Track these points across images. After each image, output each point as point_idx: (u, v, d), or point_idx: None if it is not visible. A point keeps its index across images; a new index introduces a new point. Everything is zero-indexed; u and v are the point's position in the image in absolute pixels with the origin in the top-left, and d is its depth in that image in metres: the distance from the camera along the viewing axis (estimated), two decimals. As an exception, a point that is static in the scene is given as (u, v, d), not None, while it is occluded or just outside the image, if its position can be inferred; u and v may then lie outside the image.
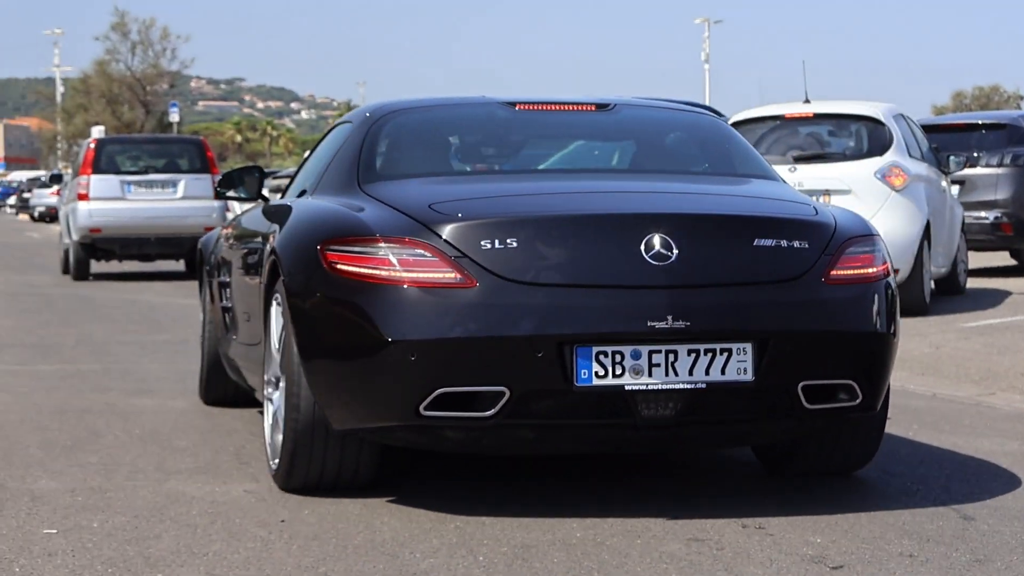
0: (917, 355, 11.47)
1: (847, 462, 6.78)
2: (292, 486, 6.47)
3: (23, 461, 7.36)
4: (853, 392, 6.10)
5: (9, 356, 12.11)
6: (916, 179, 14.30)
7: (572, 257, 5.89)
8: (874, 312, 6.21)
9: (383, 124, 7.20)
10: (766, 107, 15.30)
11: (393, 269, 5.87)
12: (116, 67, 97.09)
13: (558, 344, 5.73)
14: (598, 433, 6.01)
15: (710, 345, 5.83)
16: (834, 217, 6.42)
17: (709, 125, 7.75)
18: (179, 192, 23.27)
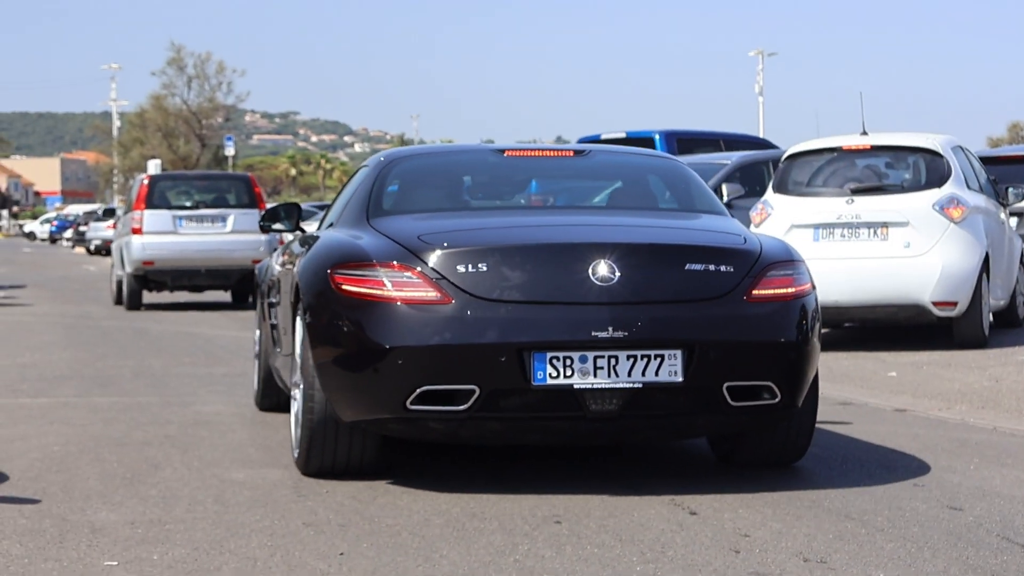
0: (977, 388, 11.38)
1: (784, 454, 7.97)
2: (311, 471, 7.75)
3: (83, 493, 7.38)
4: (773, 392, 7.34)
5: (67, 388, 12.17)
6: (975, 211, 14.22)
7: (531, 279, 7.26)
8: (791, 325, 7.43)
9: (391, 168, 8.68)
10: (823, 139, 15.24)
11: (386, 289, 7.27)
12: (172, 101, 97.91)
13: (518, 350, 7.07)
14: (554, 425, 7.29)
15: (645, 351, 7.12)
16: (760, 245, 7.68)
17: (671, 168, 9.09)
18: (228, 226, 24.23)
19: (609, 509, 6.90)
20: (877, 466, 8.08)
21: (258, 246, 23.88)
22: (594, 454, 8.50)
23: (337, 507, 7.00)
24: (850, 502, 7.06)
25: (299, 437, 7.82)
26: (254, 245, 23.94)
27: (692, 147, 23.77)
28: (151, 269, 23.76)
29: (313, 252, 7.99)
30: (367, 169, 8.89)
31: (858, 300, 14.06)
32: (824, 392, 11.39)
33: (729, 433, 7.93)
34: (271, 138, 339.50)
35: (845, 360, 13.58)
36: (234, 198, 24.83)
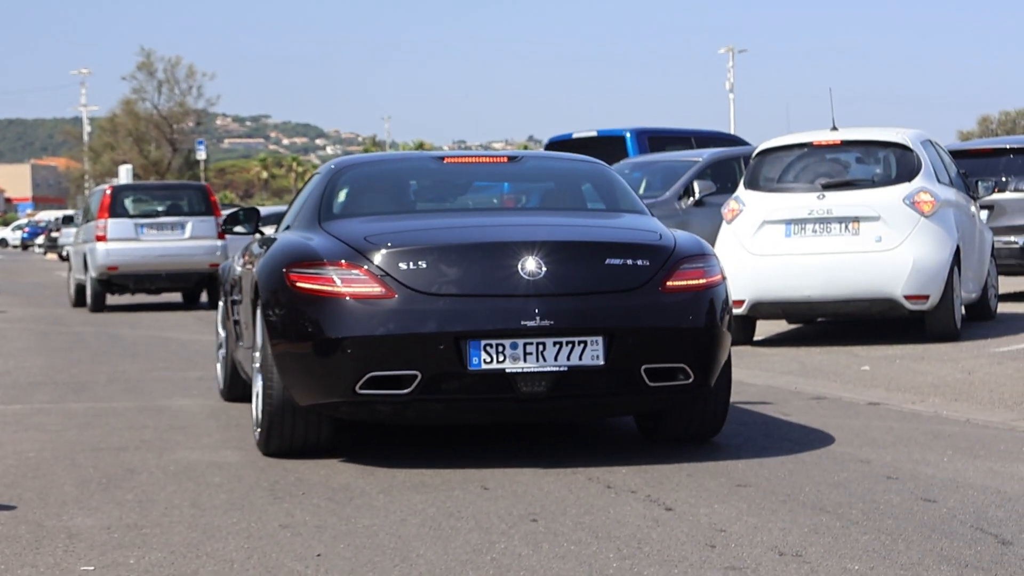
0: (950, 381, 11.43)
1: (702, 430, 8.78)
2: (271, 451, 8.55)
3: (59, 499, 7.38)
4: (687, 373, 8.12)
5: (42, 395, 12.15)
6: (945, 204, 14.27)
7: (466, 274, 8.01)
8: (703, 312, 8.22)
9: (340, 175, 9.54)
10: (794, 135, 15.28)
11: (335, 285, 8.03)
12: (143, 106, 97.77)
13: (455, 339, 7.82)
14: (489, 406, 8.04)
15: (570, 338, 7.88)
16: (675, 241, 8.48)
17: (596, 172, 9.90)
18: (187, 233, 25.80)
19: (585, 507, 6.92)
20: (851, 459, 8.11)
21: (215, 251, 25.59)
22: (570, 454, 8.52)
23: (313, 509, 7.01)
24: (825, 495, 7.09)
25: (260, 421, 8.62)
26: (211, 250, 25.62)
27: (663, 145, 23.82)
28: (115, 274, 25.21)
29: (270, 253, 8.80)
30: (319, 176, 9.75)
31: (830, 295, 14.10)
32: (798, 387, 11.45)
33: (649, 411, 8.73)
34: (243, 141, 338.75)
35: (818, 355, 13.63)
36: (191, 206, 26.28)
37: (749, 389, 11.44)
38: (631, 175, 20.66)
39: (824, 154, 14.80)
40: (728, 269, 14.45)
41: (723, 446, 8.67)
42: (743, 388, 11.50)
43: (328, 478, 7.82)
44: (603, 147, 24.00)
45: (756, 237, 14.38)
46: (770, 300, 14.34)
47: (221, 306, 11.47)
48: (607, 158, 22.45)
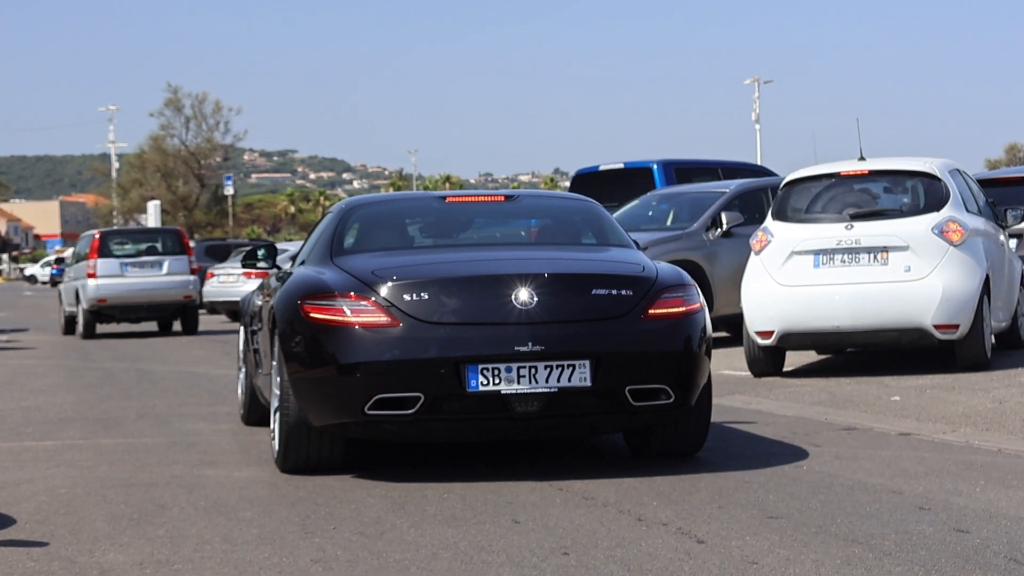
0: (981, 411, 11.38)
1: (685, 446, 9.47)
2: (288, 468, 9.25)
3: (90, 535, 7.39)
4: (668, 393, 8.82)
5: (72, 431, 12.18)
6: (974, 234, 14.24)
7: (465, 304, 8.74)
8: (682, 337, 8.96)
9: (351, 214, 10.34)
10: (821, 165, 15.26)
11: (345, 315, 8.76)
12: (170, 142, 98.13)
13: (455, 363, 8.55)
14: (486, 424, 8.76)
15: (559, 362, 8.60)
16: (656, 272, 9.22)
17: (586, 208, 10.64)
18: (164, 270, 29.68)
19: (616, 539, 6.91)
20: (883, 490, 8.09)
21: (188, 284, 29.63)
22: (600, 488, 8.50)
23: (345, 543, 7.01)
24: (857, 527, 7.07)
25: (277, 440, 9.35)
26: (185, 284, 29.64)
27: (690, 176, 23.82)
28: (104, 305, 29.05)
29: (286, 286, 9.52)
30: (331, 215, 10.52)
31: (860, 325, 14.07)
32: (828, 418, 11.41)
33: (634, 428, 9.42)
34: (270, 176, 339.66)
35: (848, 385, 13.59)
36: (167, 247, 30.23)
37: (779, 420, 11.41)
38: (658, 207, 20.68)
39: (852, 184, 14.78)
40: (757, 300, 14.50)
41: (754, 478, 8.65)
42: (773, 419, 11.47)
43: (359, 512, 7.82)
44: (630, 179, 24.03)
45: (785, 268, 14.37)
46: (799, 331, 14.31)
47: (242, 336, 12.16)
48: (634, 190, 22.55)
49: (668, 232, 19.27)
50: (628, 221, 20.28)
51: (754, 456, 9.55)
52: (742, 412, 12.06)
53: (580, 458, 9.63)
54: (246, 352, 11.82)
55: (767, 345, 14.52)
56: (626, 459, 9.57)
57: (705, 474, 8.81)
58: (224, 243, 46.92)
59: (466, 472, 9.15)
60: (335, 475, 9.15)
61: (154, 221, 60.82)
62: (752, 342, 14.66)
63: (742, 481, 8.54)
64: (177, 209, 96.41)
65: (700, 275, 18.86)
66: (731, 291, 17.95)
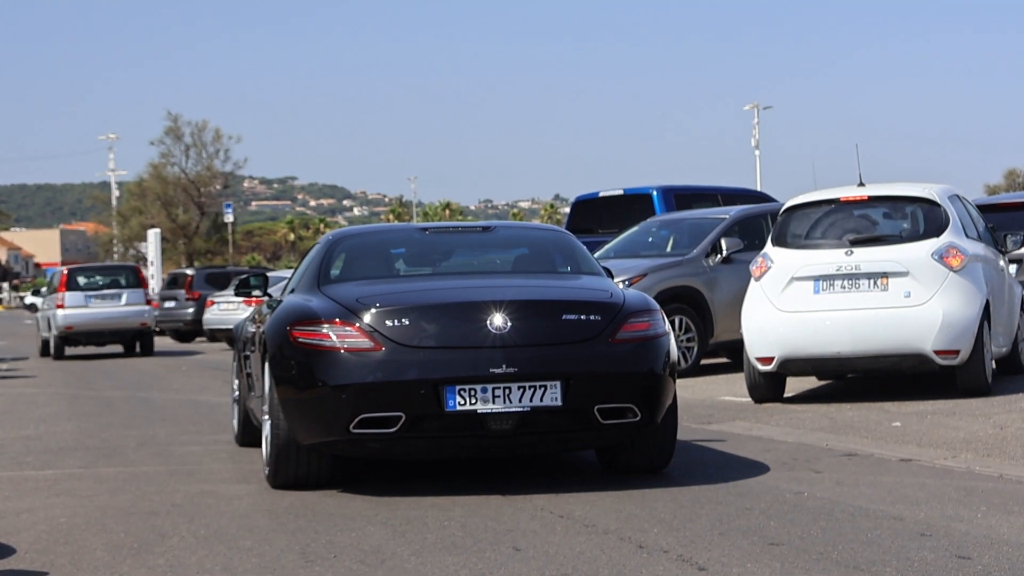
0: (982, 436, 11.37)
1: (653, 462, 10.00)
2: (278, 484, 9.81)
3: (91, 565, 7.38)
4: (634, 412, 9.38)
5: (73, 460, 12.17)
6: (974, 259, 14.24)
7: (443, 329, 9.31)
8: (648, 360, 9.50)
9: (337, 245, 10.95)
10: (821, 191, 15.28)
11: (331, 340, 9.31)
12: (170, 170, 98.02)
13: (434, 384, 9.10)
14: (464, 442, 9.32)
15: (532, 383, 9.15)
16: (624, 298, 9.75)
17: (559, 239, 11.29)
18: (123, 301, 34.36)
19: (617, 567, 6.90)
20: (884, 516, 8.08)
21: (143, 313, 34.40)
22: (601, 514, 8.49)
23: (345, 571, 7.00)
24: (858, 553, 7.06)
25: (268, 458, 9.95)
26: (141, 313, 34.37)
27: (690, 202, 23.84)
28: (71, 332, 33.77)
29: (276, 313, 10.15)
30: (319, 246, 11.14)
31: (860, 351, 14.06)
32: (829, 444, 11.40)
33: (603, 446, 9.95)
34: (270, 203, 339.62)
35: (849, 411, 13.58)
36: (126, 281, 35.12)
37: (780, 446, 11.40)
38: (658, 233, 20.69)
39: (852, 210, 14.79)
40: (757, 326, 14.50)
41: (754, 504, 8.64)
42: (774, 445, 11.46)
43: (359, 540, 7.81)
44: (629, 205, 24.06)
45: (785, 294, 14.37)
46: (800, 357, 14.31)
47: (235, 360, 12.67)
48: (634, 216, 22.57)
49: (668, 258, 19.29)
50: (628, 247, 20.31)
51: (755, 483, 9.53)
52: (743, 438, 12.05)
53: (581, 485, 9.62)
54: (240, 376, 12.26)
55: (768, 371, 14.51)
56: (627, 487, 9.56)
57: (706, 501, 8.80)
58: (224, 271, 46.98)
59: (466, 499, 9.14)
60: (335, 503, 9.14)
61: (154, 249, 60.89)
62: (753, 368, 14.66)
63: (743, 508, 8.53)
64: (177, 237, 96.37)
65: (700, 301, 18.88)
66: (731, 317, 17.96)
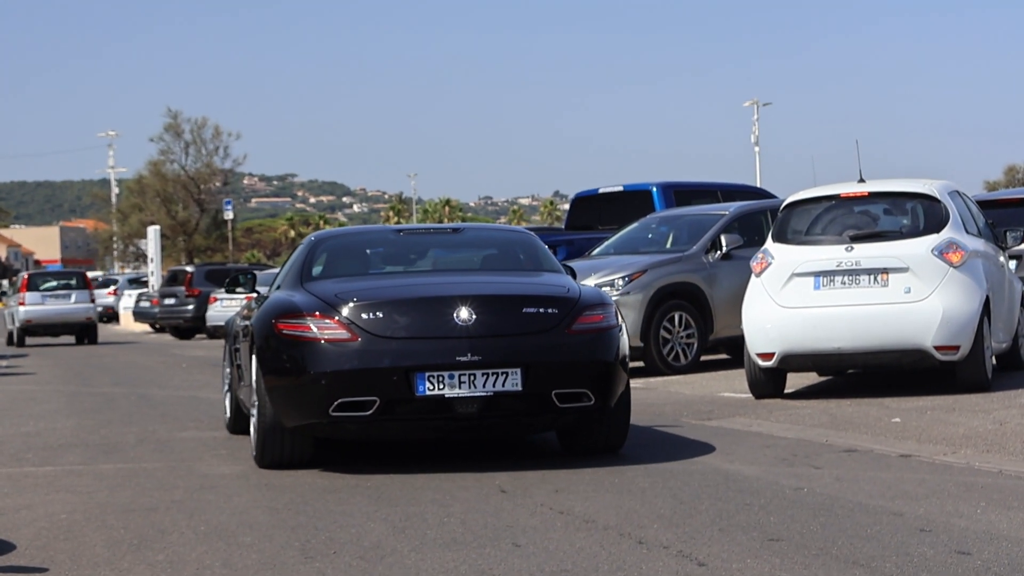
0: (981, 432, 11.37)
1: (608, 443, 10.90)
2: (265, 464, 10.73)
3: (90, 560, 7.38)
4: (589, 396, 10.24)
5: (72, 456, 12.16)
6: (974, 255, 14.24)
7: (413, 321, 10.21)
8: (601, 349, 10.37)
9: (318, 245, 11.93)
10: (821, 187, 15.27)
11: (312, 332, 10.23)
12: (170, 167, 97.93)
13: (405, 371, 10.00)
14: (433, 424, 10.17)
15: (495, 370, 10.03)
16: (580, 293, 10.65)
17: (522, 239, 12.22)
18: (72, 300, 42.29)
19: (616, 563, 6.90)
20: (884, 512, 8.07)
21: (89, 310, 42.40)
22: (600, 510, 8.49)
23: (345, 567, 7.00)
24: (858, 549, 7.06)
25: (256, 441, 10.83)
26: (87, 310, 42.33)
27: (690, 198, 23.85)
28: (30, 324, 41.93)
29: (263, 308, 11.07)
30: (302, 246, 12.11)
31: (860, 346, 14.06)
32: (828, 439, 11.40)
33: (561, 428, 10.78)
34: (270, 200, 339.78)
35: (849, 407, 13.58)
36: (76, 283, 43.08)
37: (780, 442, 11.40)
38: (658, 229, 20.70)
39: (852, 206, 14.78)
40: (758, 322, 14.50)
41: (754, 500, 8.63)
42: (774, 441, 11.46)
43: (359, 536, 7.81)
44: (629, 202, 24.07)
45: (785, 290, 14.37)
46: (800, 352, 14.31)
47: (226, 352, 13.73)
48: (633, 212, 22.57)
49: (668, 255, 19.30)
50: (627, 243, 20.32)
51: (755, 478, 9.53)
52: (743, 434, 12.05)
53: (580, 482, 9.62)
54: (231, 368, 13.28)
55: (768, 367, 14.51)
56: (627, 483, 9.56)
57: (705, 497, 8.80)
58: (224, 268, 47.17)
59: (466, 495, 9.14)
60: (335, 499, 9.14)
61: (154, 246, 60.79)
62: (753, 364, 14.66)
63: (743, 503, 8.53)
64: (177, 234, 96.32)
65: (700, 297, 18.89)
66: (731, 313, 17.96)
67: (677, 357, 18.75)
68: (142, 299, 51.84)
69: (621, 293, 18.40)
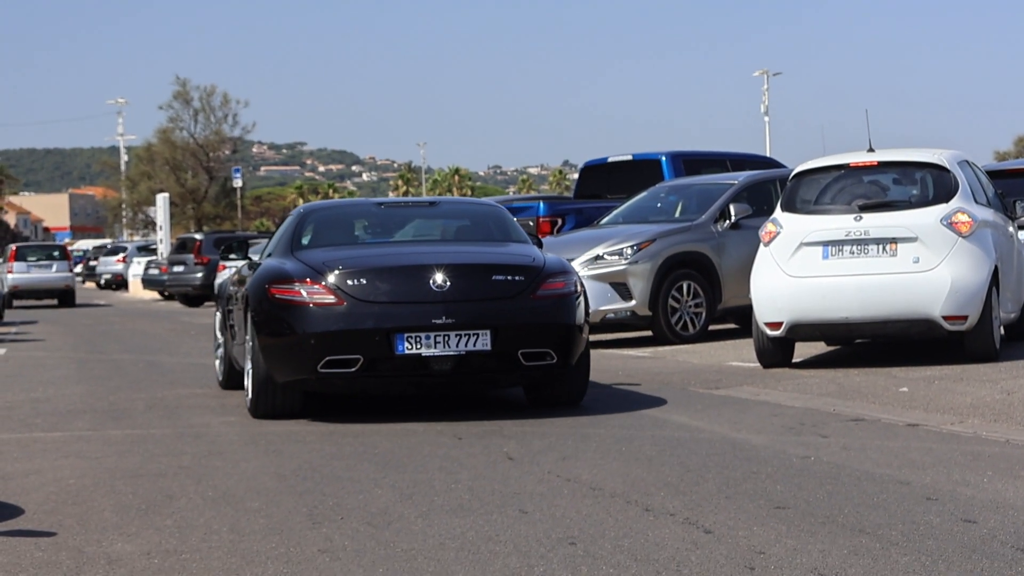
0: (989, 402, 11.37)
1: (568, 396, 12.03)
2: (259, 414, 11.83)
3: (98, 525, 7.40)
4: (551, 356, 11.34)
5: (81, 422, 12.20)
6: (983, 225, 14.22)
7: (394, 287, 11.28)
8: (563, 313, 11.46)
9: (307, 216, 12.99)
10: (830, 157, 15.24)
11: (302, 296, 11.31)
12: (179, 135, 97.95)
13: (386, 332, 11.07)
14: (411, 380, 11.28)
15: (467, 332, 11.09)
16: (544, 262, 11.75)
17: (493, 212, 13.31)
18: (53, 269, 48.85)
19: (623, 529, 6.91)
20: (890, 481, 8.08)
21: (68, 279, 48.98)
22: (607, 477, 8.50)
23: (352, 533, 7.02)
24: (864, 517, 7.07)
25: (249, 394, 11.95)
26: (66, 278, 48.93)
27: (699, 168, 23.81)
28: (17, 290, 47.33)
29: (256, 274, 12.16)
30: (292, 217, 13.18)
31: (868, 316, 14.06)
32: (836, 409, 11.41)
33: (527, 384, 11.95)
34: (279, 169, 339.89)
35: (857, 376, 13.58)
36: (57, 255, 49.87)
37: (787, 411, 11.41)
38: (667, 198, 20.67)
39: (861, 176, 14.76)
40: (766, 291, 14.50)
41: (761, 469, 8.64)
42: (781, 410, 11.47)
43: (367, 502, 7.83)
44: (639, 171, 24.03)
45: (793, 259, 14.36)
46: (808, 322, 14.31)
47: (218, 315, 14.82)
48: (643, 181, 22.55)
49: (676, 224, 19.28)
50: (636, 213, 20.30)
51: (762, 447, 9.55)
52: (749, 403, 12.06)
53: (587, 450, 9.63)
54: (224, 328, 14.31)
55: (776, 336, 14.52)
56: (634, 451, 9.57)
57: (712, 465, 8.81)
58: (233, 236, 46.99)
59: (473, 462, 9.16)
60: (343, 465, 9.16)
61: (163, 214, 60.84)
62: (761, 333, 14.66)
63: (749, 471, 8.54)
64: (186, 202, 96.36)
65: (708, 266, 18.89)
66: (739, 282, 17.97)
67: (685, 326, 18.75)
68: (151, 266, 51.99)
69: (630, 262, 18.40)
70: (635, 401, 12.38)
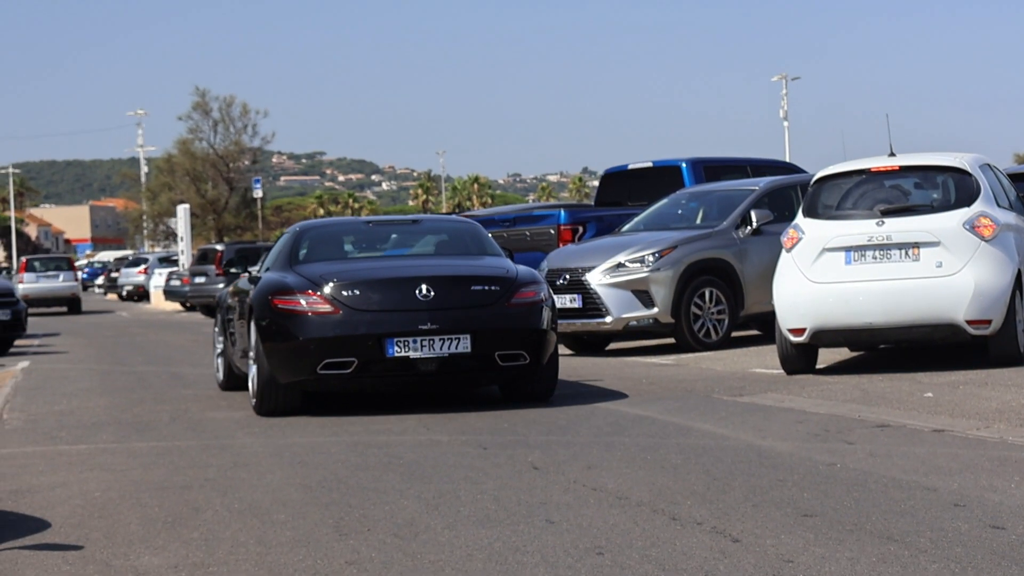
0: (1015, 406, 11.33)
1: (539, 393, 13.30)
2: (263, 412, 13.04)
3: (125, 538, 7.41)
4: (524, 357, 12.72)
5: (106, 434, 12.22)
6: (1005, 228, 14.18)
7: (384, 296, 12.62)
8: (534, 319, 12.84)
9: (303, 234, 14.44)
10: (851, 162, 15.21)
11: (302, 306, 12.65)
12: (199, 145, 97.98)
13: (378, 337, 12.41)
14: (400, 380, 12.65)
15: (449, 336, 12.46)
16: (517, 273, 13.14)
17: (470, 228, 14.89)
18: (60, 279, 53.42)
19: (651, 539, 6.90)
20: (917, 487, 8.06)
21: (73, 287, 53.61)
22: (633, 486, 8.49)
23: (379, 545, 7.01)
24: (892, 524, 7.05)
25: (255, 393, 13.21)
26: (72, 287, 53.51)
27: (719, 174, 23.76)
28: (28, 298, 46.25)
29: (259, 286, 13.44)
30: (288, 235, 14.65)
31: (892, 321, 14.03)
32: (861, 415, 11.38)
33: (503, 382, 13.31)
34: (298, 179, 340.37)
35: (881, 382, 13.55)
36: (64, 266, 54.74)
37: (812, 418, 11.38)
38: (688, 205, 20.65)
39: (882, 180, 14.73)
40: (789, 297, 14.47)
41: (788, 476, 8.62)
42: (806, 417, 11.44)
43: (393, 514, 7.83)
44: (659, 177, 23.99)
45: (816, 265, 14.33)
46: (831, 328, 14.27)
47: (218, 323, 16.16)
48: (663, 188, 22.52)
49: (698, 230, 19.25)
50: (657, 219, 20.29)
51: (788, 454, 9.52)
52: (774, 410, 12.03)
53: (612, 459, 9.62)
54: (223, 335, 15.69)
55: (799, 342, 14.48)
56: (659, 459, 9.55)
57: (739, 473, 8.79)
58: (254, 246, 47.05)
59: (499, 472, 9.15)
60: (368, 476, 9.16)
61: (184, 225, 60.94)
62: (784, 339, 14.63)
63: (776, 479, 8.52)
64: (206, 212, 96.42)
65: (730, 273, 18.86)
66: (761, 289, 17.93)
67: (708, 333, 18.72)
68: (172, 278, 52.04)
69: (651, 269, 18.39)
70: (659, 409, 12.36)
